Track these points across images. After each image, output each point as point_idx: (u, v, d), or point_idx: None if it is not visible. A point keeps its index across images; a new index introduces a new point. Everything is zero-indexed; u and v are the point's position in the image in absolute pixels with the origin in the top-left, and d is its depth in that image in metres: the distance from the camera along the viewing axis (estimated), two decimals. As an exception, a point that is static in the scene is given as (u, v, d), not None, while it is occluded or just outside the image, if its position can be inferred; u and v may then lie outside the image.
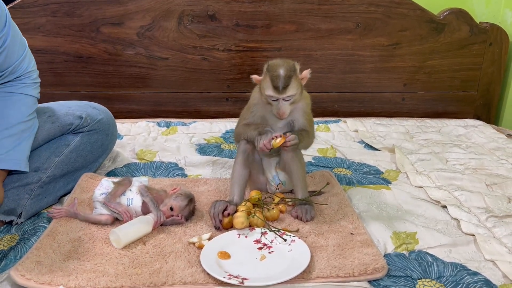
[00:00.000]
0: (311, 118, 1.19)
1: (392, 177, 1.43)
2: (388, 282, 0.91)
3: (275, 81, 1.05)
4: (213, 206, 1.10)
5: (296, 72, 1.09)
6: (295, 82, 1.07)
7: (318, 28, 1.95)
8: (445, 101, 2.11)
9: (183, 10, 1.88)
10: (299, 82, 1.09)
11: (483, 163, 1.54)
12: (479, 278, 0.92)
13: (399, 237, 1.07)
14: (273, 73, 1.06)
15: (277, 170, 1.21)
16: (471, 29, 2.01)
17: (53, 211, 1.10)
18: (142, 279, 0.89)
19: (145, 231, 1.04)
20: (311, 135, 1.19)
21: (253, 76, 1.13)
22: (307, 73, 1.12)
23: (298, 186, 1.17)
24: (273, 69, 1.07)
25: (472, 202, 1.24)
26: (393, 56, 2.02)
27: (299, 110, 1.15)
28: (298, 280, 0.89)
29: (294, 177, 1.17)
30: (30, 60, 1.21)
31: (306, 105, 1.16)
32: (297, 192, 1.17)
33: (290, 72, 1.06)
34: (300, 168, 1.17)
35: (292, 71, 1.07)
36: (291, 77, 1.06)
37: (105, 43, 1.90)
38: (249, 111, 1.17)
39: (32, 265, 0.90)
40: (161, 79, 1.97)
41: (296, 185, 1.18)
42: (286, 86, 1.05)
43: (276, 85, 1.05)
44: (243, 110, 1.21)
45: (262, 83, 1.10)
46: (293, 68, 1.08)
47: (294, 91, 1.07)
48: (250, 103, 1.19)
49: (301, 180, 1.17)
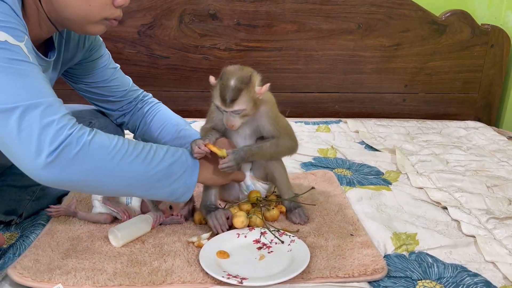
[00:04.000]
0: (281, 122, 1.08)
1: (393, 178, 1.42)
2: (388, 283, 0.91)
3: (223, 92, 0.96)
4: (214, 217, 1.04)
5: (250, 85, 0.97)
6: (246, 96, 0.97)
7: (320, 28, 1.95)
8: (446, 102, 2.11)
9: (184, 9, 1.88)
10: (251, 97, 0.98)
11: (483, 165, 1.53)
12: (480, 279, 0.92)
13: (399, 238, 1.06)
14: (223, 82, 0.97)
15: (252, 179, 1.15)
16: (472, 30, 2.01)
17: (52, 209, 1.10)
18: (141, 277, 0.88)
19: (144, 230, 1.04)
20: (285, 142, 1.08)
21: (211, 77, 1.02)
22: (266, 88, 1.00)
23: (283, 191, 1.14)
24: (225, 79, 0.97)
25: (472, 204, 1.24)
26: (394, 57, 2.02)
27: (263, 116, 1.05)
28: (297, 280, 0.89)
29: (278, 183, 1.13)
30: None
31: (269, 109, 1.05)
32: (283, 196, 1.14)
33: (241, 84, 0.96)
34: (283, 172, 1.13)
35: (244, 83, 0.96)
36: (241, 90, 0.96)
37: (106, 41, 1.86)
38: (211, 115, 1.09)
39: (30, 263, 0.90)
40: (162, 78, 1.96)
41: (281, 189, 1.14)
42: (234, 99, 0.96)
43: (224, 97, 0.96)
44: (208, 112, 1.11)
45: (213, 89, 1.00)
46: (246, 80, 0.97)
47: (243, 106, 0.97)
48: (211, 108, 1.08)
49: (285, 184, 1.14)
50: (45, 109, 0.80)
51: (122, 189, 0.92)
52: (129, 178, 0.88)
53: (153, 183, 0.92)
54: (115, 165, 0.86)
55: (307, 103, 2.04)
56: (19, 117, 0.78)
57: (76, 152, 0.81)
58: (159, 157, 0.92)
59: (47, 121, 0.80)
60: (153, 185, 0.92)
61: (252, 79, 0.99)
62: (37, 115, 0.79)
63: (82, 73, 1.22)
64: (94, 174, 0.84)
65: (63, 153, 0.80)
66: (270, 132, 1.06)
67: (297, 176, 1.38)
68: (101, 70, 1.24)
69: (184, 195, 0.97)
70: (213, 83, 1.01)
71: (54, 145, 0.79)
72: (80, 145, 0.82)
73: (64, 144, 0.80)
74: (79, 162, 0.82)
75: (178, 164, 0.95)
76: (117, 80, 1.28)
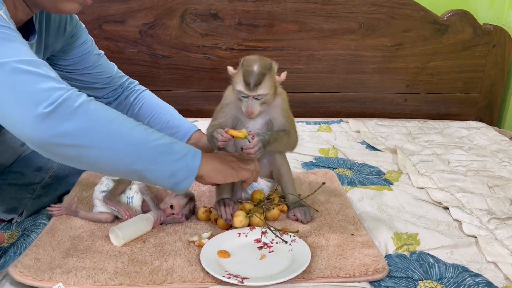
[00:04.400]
0: (291, 117, 1.11)
1: (394, 178, 1.42)
2: (389, 283, 0.90)
3: (247, 77, 0.99)
4: (222, 202, 1.07)
5: (272, 71, 1.02)
6: (269, 81, 1.00)
7: (321, 28, 1.95)
8: (447, 102, 2.11)
9: (185, 8, 1.88)
10: (273, 82, 1.02)
11: (485, 165, 1.53)
12: (481, 280, 0.92)
13: (400, 238, 1.06)
14: (246, 68, 0.99)
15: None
16: (474, 30, 2.00)
17: (53, 208, 1.10)
18: (142, 277, 0.88)
19: (145, 229, 1.03)
20: (293, 135, 1.11)
21: (229, 67, 1.05)
22: (284, 75, 1.05)
23: (288, 189, 1.14)
24: (247, 64, 1.00)
25: (474, 204, 1.24)
26: (396, 57, 2.02)
27: (276, 108, 1.07)
28: (298, 280, 0.89)
29: (284, 181, 1.14)
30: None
31: (283, 101, 1.09)
32: (287, 195, 1.14)
33: (264, 69, 0.99)
34: (289, 171, 1.14)
35: (267, 69, 1.00)
36: (265, 75, 0.99)
37: (108, 41, 1.89)
38: (221, 111, 1.10)
39: (31, 262, 0.90)
40: (163, 78, 1.96)
41: (286, 188, 1.14)
42: (258, 83, 0.99)
43: (248, 81, 0.99)
44: (216, 110, 1.12)
45: (234, 77, 1.03)
46: (269, 66, 1.01)
47: (266, 90, 1.00)
48: (222, 103, 1.11)
49: (291, 183, 1.14)
50: (40, 65, 0.77)
51: (121, 157, 0.82)
52: (129, 145, 0.82)
53: (154, 155, 0.84)
54: (115, 128, 0.80)
55: (309, 103, 2.04)
56: (13, 70, 0.74)
57: (75, 107, 0.76)
58: (160, 134, 0.88)
59: (44, 74, 0.76)
60: (154, 158, 0.84)
61: (273, 66, 1.03)
62: (33, 69, 0.75)
63: (65, 60, 1.19)
64: (92, 134, 0.78)
65: (62, 106, 0.74)
66: (282, 125, 1.09)
67: (298, 175, 1.38)
68: (84, 57, 1.21)
69: (185, 181, 0.89)
70: (233, 72, 1.04)
71: (53, 97, 0.74)
72: (79, 101, 0.77)
73: (64, 98, 0.75)
74: (77, 117, 0.76)
75: (179, 145, 0.90)
76: (101, 66, 1.25)
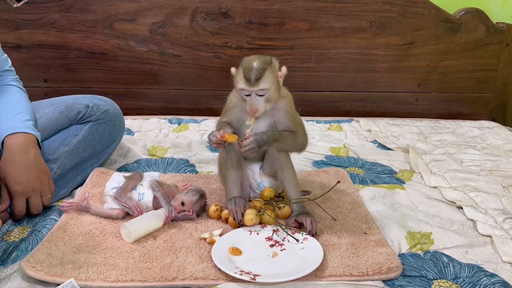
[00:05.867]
0: (298, 118, 1.10)
1: (406, 177, 1.40)
2: (403, 282, 0.89)
3: (247, 73, 0.98)
4: (233, 201, 1.06)
5: (272, 65, 1.01)
6: (270, 75, 0.99)
7: (332, 27, 1.94)
8: (459, 102, 2.08)
9: (196, 7, 1.88)
10: (275, 77, 1.01)
11: (499, 165, 1.51)
12: (497, 279, 0.90)
13: (414, 237, 1.05)
14: (246, 65, 0.99)
15: (261, 176, 1.14)
16: (487, 29, 1.98)
17: (64, 204, 1.10)
18: (153, 273, 0.88)
19: (156, 225, 1.03)
20: (300, 136, 1.09)
21: (233, 68, 1.05)
22: (284, 69, 1.05)
23: (292, 192, 1.10)
24: (247, 62, 1.00)
25: (488, 204, 1.22)
26: (407, 55, 2.00)
27: (281, 111, 1.06)
28: (310, 278, 0.88)
29: (288, 183, 1.10)
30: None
31: (288, 104, 1.07)
32: (291, 198, 1.09)
33: (264, 64, 0.99)
34: (293, 172, 1.11)
35: (267, 64, 1.00)
36: (265, 69, 0.99)
37: (118, 39, 1.90)
38: (226, 115, 1.10)
39: (43, 257, 0.90)
40: (173, 76, 1.96)
41: (290, 191, 1.10)
42: (259, 78, 0.98)
43: (248, 77, 0.98)
44: (222, 112, 1.13)
45: (236, 77, 1.03)
46: (268, 61, 1.00)
47: (267, 85, 0.99)
48: (227, 106, 1.11)
49: (295, 185, 1.10)
50: None
51: None
52: None
53: None
54: None
55: (319, 102, 2.03)
56: None
57: None
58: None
59: None
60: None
61: (273, 61, 1.02)
62: None
63: None
64: None
65: None
66: (287, 127, 1.08)
67: (308, 174, 1.37)
68: None
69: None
70: (234, 72, 1.04)
71: None
72: None
73: None
74: None
75: None
76: None
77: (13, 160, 1.06)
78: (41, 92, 1.90)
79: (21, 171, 1.06)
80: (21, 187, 1.05)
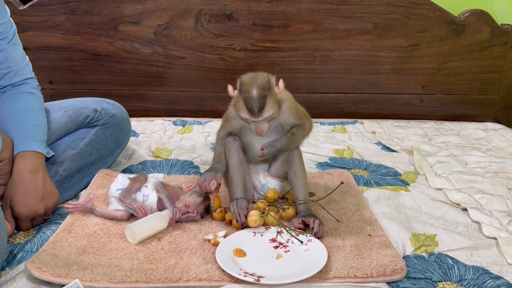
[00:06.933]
0: (300, 109, 1.10)
1: (411, 179, 1.40)
2: (407, 284, 0.89)
3: (249, 104, 0.97)
4: (235, 203, 1.06)
5: (271, 89, 1.00)
6: (271, 101, 0.99)
7: (336, 28, 1.94)
8: (464, 104, 2.08)
9: (200, 9, 1.89)
10: (275, 100, 1.00)
11: (504, 167, 1.50)
12: (502, 282, 0.90)
13: (418, 239, 1.04)
14: (246, 95, 0.98)
15: (266, 177, 1.15)
16: (492, 30, 1.97)
17: (69, 206, 1.10)
18: (157, 274, 0.88)
19: (160, 227, 1.03)
20: (307, 124, 1.10)
21: (229, 86, 1.04)
22: (282, 85, 1.03)
23: (301, 192, 1.10)
24: (246, 90, 0.98)
25: (493, 206, 1.21)
26: (412, 57, 1.99)
27: (284, 113, 1.07)
28: (314, 280, 0.88)
29: (298, 183, 1.10)
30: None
31: (291, 106, 1.08)
32: (298, 198, 1.10)
33: (264, 92, 0.97)
34: (304, 174, 1.12)
35: (267, 90, 0.98)
36: (266, 97, 0.97)
37: (123, 41, 1.91)
38: (227, 123, 1.10)
39: (48, 258, 0.91)
40: (177, 78, 1.97)
41: (299, 191, 1.10)
42: (261, 108, 0.97)
43: (251, 109, 0.98)
44: (223, 118, 1.13)
45: (236, 103, 1.02)
46: (267, 86, 0.98)
47: (271, 112, 0.99)
48: (227, 116, 1.11)
49: (304, 186, 1.11)
50: None
51: None
52: None
53: None
54: None
55: (323, 104, 2.03)
56: None
57: None
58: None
59: None
60: None
61: (270, 82, 1.01)
62: None
63: None
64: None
65: None
66: (293, 123, 1.09)
67: (312, 175, 1.37)
68: None
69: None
70: (233, 95, 1.04)
71: None
72: None
73: None
74: None
75: None
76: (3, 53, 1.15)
77: (21, 182, 1.05)
78: (46, 94, 1.87)
79: (29, 193, 1.05)
80: (27, 210, 1.04)
